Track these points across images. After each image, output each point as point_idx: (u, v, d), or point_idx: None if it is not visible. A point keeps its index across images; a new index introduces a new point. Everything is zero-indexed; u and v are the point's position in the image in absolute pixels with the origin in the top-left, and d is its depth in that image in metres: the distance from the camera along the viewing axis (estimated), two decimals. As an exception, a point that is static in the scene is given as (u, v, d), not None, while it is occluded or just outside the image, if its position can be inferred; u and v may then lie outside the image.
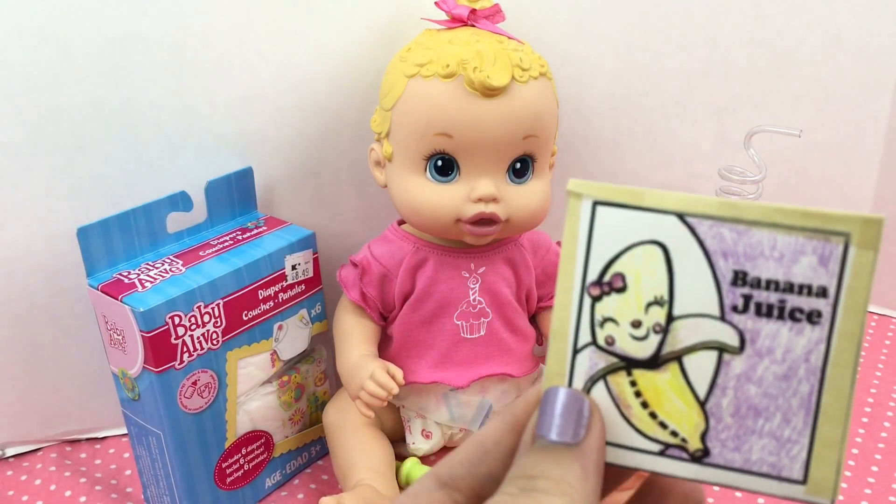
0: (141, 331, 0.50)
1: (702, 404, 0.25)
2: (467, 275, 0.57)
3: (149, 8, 0.55)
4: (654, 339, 0.25)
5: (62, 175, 0.57)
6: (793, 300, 0.24)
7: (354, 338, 0.58)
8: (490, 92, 0.51)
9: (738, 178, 0.66)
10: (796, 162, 0.73)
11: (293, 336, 0.60)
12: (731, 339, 0.25)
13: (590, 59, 0.65)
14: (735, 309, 0.25)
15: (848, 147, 0.74)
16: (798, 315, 0.25)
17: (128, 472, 0.63)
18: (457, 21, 0.55)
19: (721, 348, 0.25)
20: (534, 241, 0.60)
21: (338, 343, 0.59)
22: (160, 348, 0.51)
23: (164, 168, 0.59)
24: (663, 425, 0.26)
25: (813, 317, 0.24)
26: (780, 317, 0.25)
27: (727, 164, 0.68)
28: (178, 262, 0.54)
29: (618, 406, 0.26)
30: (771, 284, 0.25)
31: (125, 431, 0.65)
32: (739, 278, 0.25)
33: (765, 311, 0.25)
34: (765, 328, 0.25)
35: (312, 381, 0.63)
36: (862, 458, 0.62)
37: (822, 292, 0.24)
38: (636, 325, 0.26)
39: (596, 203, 0.25)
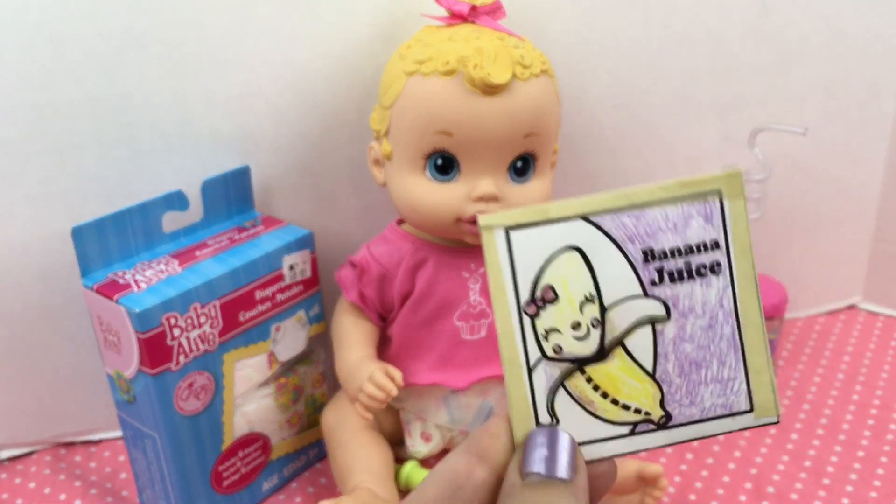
0: (136, 332, 0.49)
1: (651, 376, 0.29)
2: (467, 275, 0.57)
3: (144, 5, 0.55)
4: (595, 334, 0.28)
5: (56, 174, 0.57)
6: (695, 259, 0.28)
7: (353, 339, 0.58)
8: (491, 89, 0.50)
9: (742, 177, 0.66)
10: (801, 160, 0.72)
11: (291, 337, 0.59)
12: (658, 309, 0.28)
13: (592, 56, 0.64)
14: (653, 283, 0.28)
15: (853, 145, 0.73)
16: (703, 270, 0.28)
17: (123, 476, 0.62)
18: (457, 18, 0.55)
19: (652, 321, 0.28)
20: (535, 241, 0.59)
21: (336, 344, 0.59)
22: (156, 350, 0.50)
23: (160, 167, 0.59)
24: (626, 407, 0.29)
25: (714, 268, 0.28)
26: (690, 277, 0.28)
27: (731, 163, 0.67)
28: (174, 262, 0.54)
29: (582, 405, 0.28)
30: (674, 252, 0.28)
31: (120, 434, 0.64)
32: (648, 256, 0.28)
33: (677, 277, 0.28)
34: (681, 291, 0.28)
35: (310, 382, 0.62)
36: (868, 461, 0.61)
37: (715, 245, 0.28)
38: (576, 326, 0.28)
39: (508, 229, 0.28)
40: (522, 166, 0.54)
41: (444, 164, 0.53)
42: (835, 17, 0.67)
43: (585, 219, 0.28)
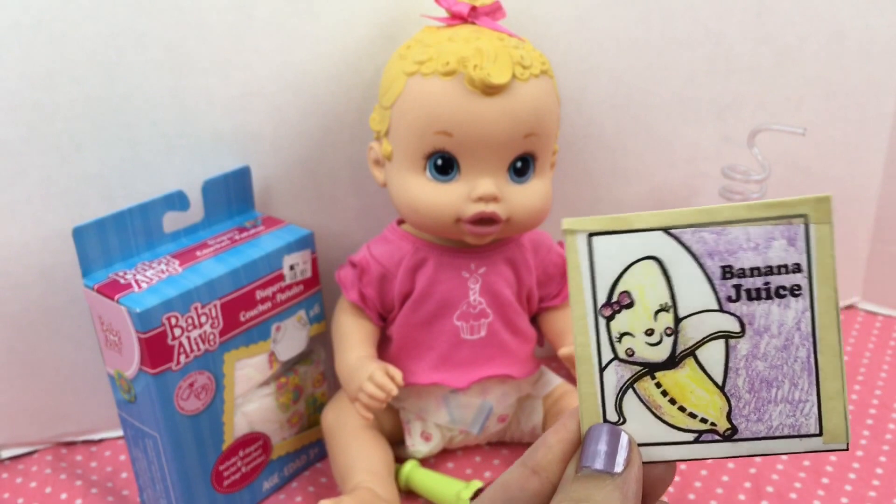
0: (137, 332, 0.49)
1: (721, 388, 0.29)
2: (467, 275, 0.57)
3: (145, 5, 0.55)
4: (668, 342, 0.29)
5: (57, 174, 0.57)
6: (775, 280, 0.28)
7: (353, 339, 0.58)
8: (490, 90, 0.51)
9: (742, 177, 0.66)
10: (800, 161, 0.72)
11: (291, 337, 0.59)
12: (733, 325, 0.29)
13: (591, 56, 0.64)
14: (730, 299, 0.29)
15: (852, 146, 0.73)
16: (782, 292, 0.29)
17: (124, 475, 0.62)
18: (457, 18, 0.55)
19: (726, 336, 0.29)
20: (535, 241, 0.59)
21: (336, 344, 0.59)
22: (156, 349, 0.50)
23: (161, 167, 0.59)
24: (692, 415, 0.29)
25: (794, 290, 0.29)
26: (768, 297, 0.29)
27: (731, 163, 0.67)
28: (174, 262, 0.54)
29: (649, 408, 0.29)
30: (754, 271, 0.29)
31: (121, 434, 0.64)
32: (727, 272, 0.29)
33: (754, 295, 0.29)
34: (758, 309, 0.29)
35: (311, 382, 0.62)
36: (866, 461, 0.61)
37: (797, 268, 0.28)
38: (649, 332, 0.29)
39: (590, 235, 0.29)
40: (522, 166, 0.54)
41: (444, 165, 0.53)
42: (834, 18, 0.67)
43: (666, 231, 0.29)
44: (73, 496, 0.60)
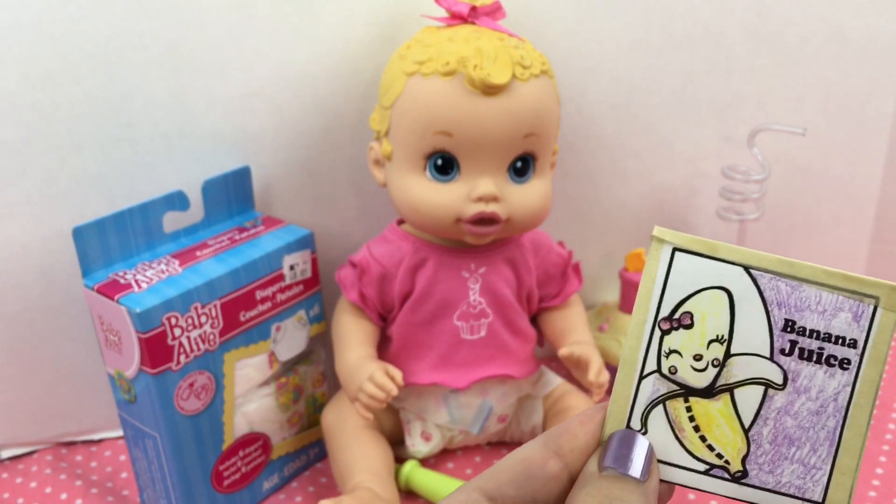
0: (137, 332, 0.49)
1: (746, 431, 0.30)
2: (467, 275, 0.57)
3: (145, 5, 0.55)
4: (712, 372, 0.30)
5: (57, 174, 0.57)
6: (830, 348, 0.29)
7: (353, 339, 0.58)
8: (490, 90, 0.51)
9: (742, 177, 0.66)
10: (800, 161, 0.72)
11: (291, 337, 0.59)
12: (777, 376, 0.30)
13: (591, 56, 0.64)
14: (783, 351, 0.30)
15: (852, 146, 0.73)
16: (832, 361, 0.29)
17: (124, 475, 0.62)
18: (457, 18, 0.55)
19: (767, 384, 0.30)
20: (535, 241, 0.59)
21: (336, 344, 0.59)
22: (156, 349, 0.50)
23: (161, 167, 0.59)
24: (711, 448, 0.30)
25: (844, 363, 0.29)
26: (818, 361, 0.30)
27: (731, 163, 0.67)
28: (174, 262, 0.54)
29: (673, 429, 0.30)
30: (814, 333, 0.30)
31: (121, 434, 0.64)
32: (789, 326, 0.30)
33: (806, 356, 0.30)
34: (805, 370, 0.30)
35: (311, 382, 0.62)
36: (866, 462, 0.61)
37: (853, 344, 0.29)
38: (698, 358, 0.30)
39: (675, 249, 0.30)
40: (522, 166, 0.54)
41: (444, 165, 0.53)
42: (834, 18, 0.67)
43: (746, 269, 0.30)
44: (73, 496, 0.60)
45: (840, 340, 0.30)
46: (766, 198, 0.67)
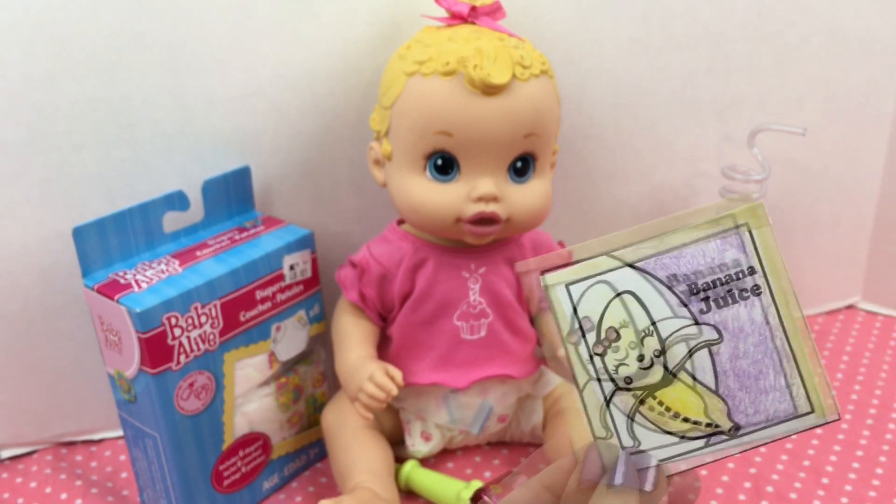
0: (137, 332, 0.49)
1: (716, 392, 0.32)
2: (467, 275, 0.57)
3: (145, 5, 0.55)
4: (658, 363, 0.32)
5: (57, 174, 0.57)
6: (736, 285, 0.32)
7: (353, 339, 0.58)
8: (491, 90, 0.50)
9: (742, 177, 0.66)
10: (800, 161, 0.72)
11: (291, 337, 0.59)
12: (711, 334, 0.32)
13: (591, 56, 0.64)
14: (702, 311, 0.32)
15: (852, 146, 0.73)
16: (745, 294, 0.32)
17: (124, 475, 0.62)
18: (457, 18, 0.55)
19: (707, 344, 0.32)
20: (535, 241, 0.59)
21: (336, 344, 0.59)
22: (156, 349, 0.50)
23: (161, 167, 0.59)
24: (697, 423, 0.32)
25: (755, 290, 0.32)
26: (734, 301, 0.32)
27: (731, 163, 0.67)
28: (174, 262, 0.54)
29: (657, 426, 0.32)
30: (716, 283, 0.32)
31: (121, 434, 0.64)
32: (693, 289, 0.32)
33: (722, 303, 0.32)
34: (729, 315, 0.32)
35: (311, 382, 0.62)
36: (866, 460, 0.61)
37: (752, 270, 0.32)
38: (640, 359, 0.32)
39: (567, 285, 0.32)
40: (522, 166, 0.54)
41: (444, 165, 0.53)
42: (834, 18, 0.67)
43: (631, 266, 0.32)
44: (73, 496, 0.60)
45: (740, 274, 0.32)
46: (766, 198, 0.67)
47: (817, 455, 0.62)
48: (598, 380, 0.32)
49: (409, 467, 0.59)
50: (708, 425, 0.32)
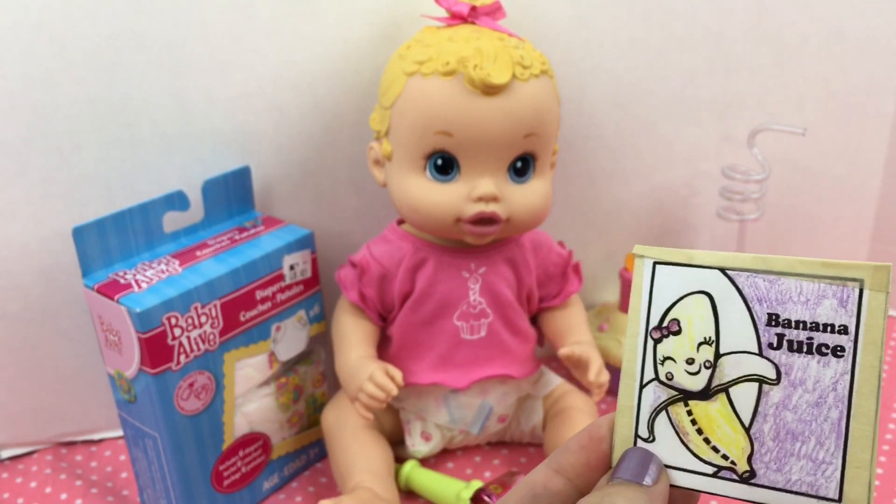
0: (137, 332, 0.49)
1: (747, 430, 0.30)
2: (467, 275, 0.57)
3: (145, 5, 0.55)
4: (705, 374, 0.30)
5: (57, 174, 0.57)
6: (819, 337, 0.29)
7: (353, 339, 0.58)
8: (491, 90, 0.50)
9: (742, 177, 0.66)
10: (800, 161, 0.72)
11: (291, 337, 0.59)
12: (769, 371, 0.29)
13: (591, 56, 0.64)
14: (771, 346, 0.30)
15: (852, 146, 0.73)
16: (824, 350, 0.29)
17: (124, 475, 0.62)
18: (457, 18, 0.55)
19: (761, 380, 0.30)
20: (535, 241, 0.59)
21: (336, 344, 0.59)
22: (156, 349, 0.50)
23: (161, 167, 0.59)
24: (715, 449, 0.30)
25: (837, 351, 0.29)
26: (809, 352, 0.29)
27: (731, 163, 0.67)
28: (174, 262, 0.54)
29: (678, 433, 0.31)
30: (800, 324, 0.29)
31: (121, 434, 0.64)
32: (773, 320, 0.30)
33: (796, 347, 0.29)
34: (797, 362, 0.29)
35: (311, 382, 0.62)
36: (867, 461, 0.61)
37: (844, 330, 0.29)
38: (690, 362, 0.31)
39: (655, 263, 0.31)
40: (522, 166, 0.54)
41: (444, 165, 0.53)
42: (834, 18, 0.67)
43: (723, 271, 0.31)
44: (73, 496, 0.60)
45: (829, 328, 0.29)
46: (766, 198, 0.67)
47: (817, 455, 0.62)
48: (661, 382, 0.31)
49: (409, 467, 0.59)
50: (724, 457, 0.30)
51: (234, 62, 0.58)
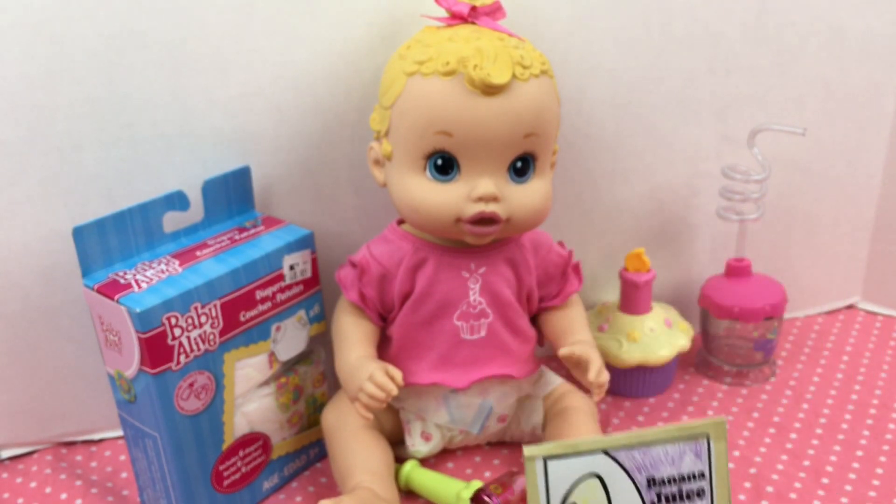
0: (137, 332, 0.49)
1: None
2: (467, 275, 0.57)
3: (145, 5, 0.55)
4: None
5: (58, 174, 0.57)
6: (686, 486, 0.38)
7: (353, 339, 0.58)
8: (491, 90, 0.50)
9: (742, 177, 0.66)
10: (800, 161, 0.72)
11: (291, 337, 0.59)
12: None
13: (591, 56, 0.64)
14: (653, 503, 0.38)
15: (852, 146, 0.73)
16: (691, 495, 0.38)
17: (124, 475, 0.62)
18: (457, 18, 0.55)
19: None
20: (534, 241, 0.59)
21: (336, 344, 0.59)
22: (156, 349, 0.50)
23: (161, 167, 0.59)
24: None
25: (700, 493, 0.38)
26: (681, 499, 0.38)
27: (731, 163, 0.67)
28: (174, 262, 0.54)
29: None
30: (671, 480, 0.38)
31: (121, 434, 0.64)
32: (651, 482, 0.38)
33: (671, 499, 0.38)
34: None
35: (311, 382, 0.62)
36: (866, 461, 0.61)
37: (702, 475, 0.38)
38: None
39: (546, 459, 0.37)
40: (522, 166, 0.54)
41: (444, 165, 0.53)
42: (834, 18, 0.67)
43: (606, 452, 0.37)
44: (73, 496, 0.60)
45: (691, 477, 0.38)
46: (766, 198, 0.68)
47: (817, 455, 0.62)
48: None
49: (409, 467, 0.59)
50: None
51: (234, 62, 0.58)
